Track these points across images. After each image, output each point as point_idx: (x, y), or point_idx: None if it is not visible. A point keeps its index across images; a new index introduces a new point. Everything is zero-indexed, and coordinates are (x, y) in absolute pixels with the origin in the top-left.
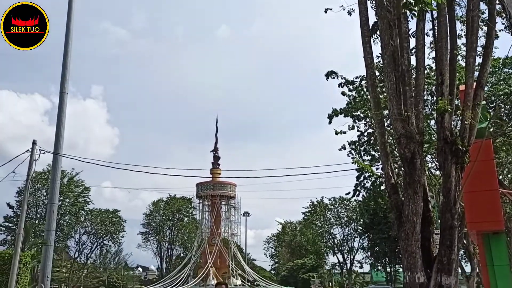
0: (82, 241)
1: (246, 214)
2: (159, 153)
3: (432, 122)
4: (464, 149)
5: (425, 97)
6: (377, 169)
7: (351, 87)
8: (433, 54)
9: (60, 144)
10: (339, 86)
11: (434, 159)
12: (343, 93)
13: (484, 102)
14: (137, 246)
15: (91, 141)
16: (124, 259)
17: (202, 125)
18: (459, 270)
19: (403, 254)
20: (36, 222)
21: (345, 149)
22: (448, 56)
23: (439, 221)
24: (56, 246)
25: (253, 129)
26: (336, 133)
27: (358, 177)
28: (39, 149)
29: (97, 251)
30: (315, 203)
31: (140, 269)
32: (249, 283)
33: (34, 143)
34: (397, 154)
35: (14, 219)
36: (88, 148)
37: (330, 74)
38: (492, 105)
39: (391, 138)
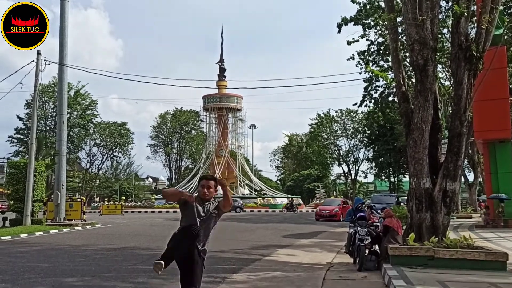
0: (92, 152)
1: (253, 126)
2: (164, 66)
3: (445, 30)
4: (479, 55)
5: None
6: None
7: None
8: None
9: (65, 54)
10: None
11: (444, 69)
12: (353, 1)
13: (501, 7)
14: (146, 158)
15: (95, 53)
16: (135, 170)
17: (208, 36)
18: (462, 179)
19: (410, 161)
20: (46, 134)
21: (353, 59)
22: None
23: (446, 131)
24: (67, 157)
25: (259, 40)
26: (349, 43)
27: (366, 88)
28: (44, 60)
29: (108, 162)
30: (322, 115)
31: (150, 179)
32: (256, 193)
33: (38, 53)
34: (408, 64)
35: (25, 131)
36: (92, 61)
37: None
38: (509, 11)
39: (401, 47)
